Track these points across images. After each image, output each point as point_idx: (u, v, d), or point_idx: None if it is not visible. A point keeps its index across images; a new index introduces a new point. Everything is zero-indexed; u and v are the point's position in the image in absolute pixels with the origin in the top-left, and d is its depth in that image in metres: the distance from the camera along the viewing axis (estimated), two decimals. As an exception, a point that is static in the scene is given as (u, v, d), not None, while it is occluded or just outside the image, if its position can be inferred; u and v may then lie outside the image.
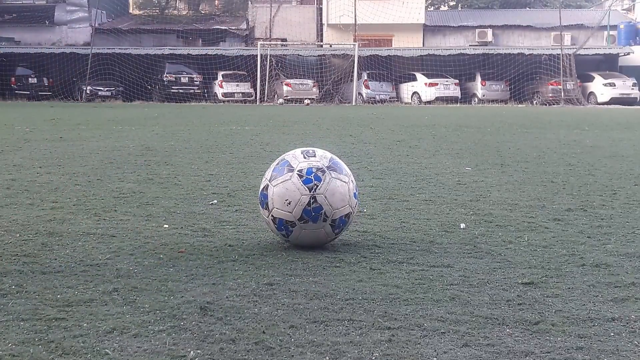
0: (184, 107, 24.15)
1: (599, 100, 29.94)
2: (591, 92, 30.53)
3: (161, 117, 16.56)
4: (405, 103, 30.33)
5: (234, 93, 30.27)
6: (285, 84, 29.98)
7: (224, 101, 29.73)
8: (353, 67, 29.85)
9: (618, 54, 32.31)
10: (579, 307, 2.52)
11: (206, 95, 30.61)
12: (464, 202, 4.69)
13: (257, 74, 29.90)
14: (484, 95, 30.70)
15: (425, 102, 29.87)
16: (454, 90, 30.24)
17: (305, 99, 29.37)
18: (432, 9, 43.21)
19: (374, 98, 30.11)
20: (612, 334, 2.26)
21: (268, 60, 30.25)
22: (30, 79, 30.34)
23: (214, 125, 13.50)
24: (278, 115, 18.09)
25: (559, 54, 30.15)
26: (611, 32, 33.90)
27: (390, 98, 30.53)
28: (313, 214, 3.23)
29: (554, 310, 2.47)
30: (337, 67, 31.25)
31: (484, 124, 14.47)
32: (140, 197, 4.82)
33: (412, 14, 33.88)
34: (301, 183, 3.25)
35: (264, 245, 3.44)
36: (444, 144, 9.31)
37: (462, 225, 3.91)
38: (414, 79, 30.71)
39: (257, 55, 30.10)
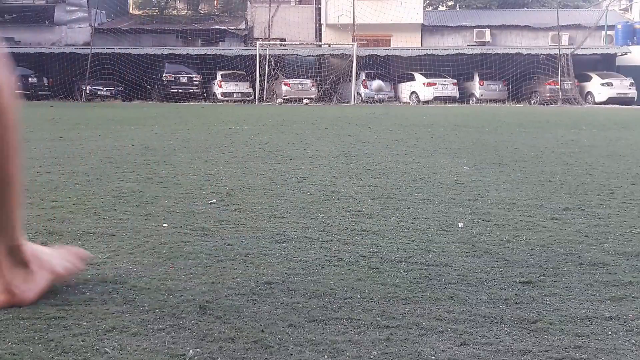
0: (183, 107, 24.13)
1: (597, 99, 29.99)
2: (589, 92, 30.59)
3: (160, 116, 16.56)
4: (404, 103, 30.33)
5: (233, 93, 30.28)
6: (284, 84, 29.98)
7: (223, 101, 29.73)
8: (352, 67, 29.84)
9: (615, 53, 32.37)
10: (576, 305, 2.53)
11: (205, 95, 30.61)
12: (462, 201, 4.70)
13: (256, 74, 29.90)
14: (482, 95, 30.74)
15: (424, 102, 29.88)
16: (452, 90, 30.28)
17: (304, 98, 29.36)
18: (430, 9, 43.26)
19: (373, 98, 30.10)
20: (610, 332, 2.27)
21: (267, 60, 30.26)
22: (30, 79, 30.33)
23: (213, 124, 13.49)
24: (277, 114, 18.08)
25: (557, 54, 30.20)
26: (609, 32, 33.98)
27: (388, 98, 30.53)
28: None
29: (551, 309, 2.48)
30: (335, 67, 31.27)
31: (482, 124, 14.48)
32: (139, 196, 4.82)
33: (411, 14, 33.92)
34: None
35: (263, 245, 3.45)
36: (442, 144, 9.31)
37: (460, 225, 3.92)
38: (412, 78, 30.74)
39: (256, 55, 30.11)
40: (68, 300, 2.53)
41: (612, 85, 29.48)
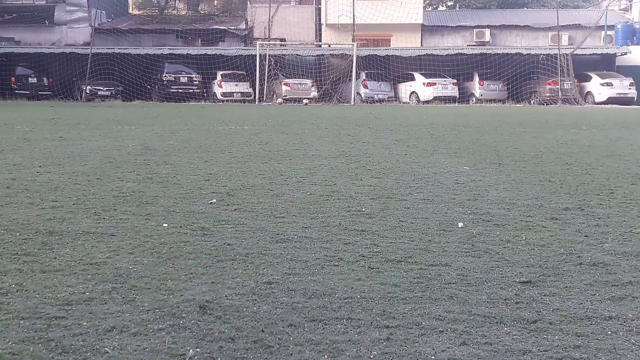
0: (183, 107, 24.13)
1: (597, 99, 29.98)
2: (588, 92, 30.57)
3: (160, 116, 16.56)
4: (404, 103, 30.34)
5: (233, 93, 30.27)
6: (284, 84, 29.97)
7: (223, 101, 29.73)
8: (352, 67, 29.85)
9: (615, 53, 32.36)
10: (576, 305, 2.53)
11: (205, 95, 30.61)
12: (462, 201, 4.70)
13: (256, 74, 29.90)
14: (481, 95, 30.72)
15: (424, 102, 29.87)
16: (452, 90, 30.24)
17: (304, 98, 29.36)
18: (430, 9, 43.26)
19: (373, 98, 30.11)
20: (610, 332, 2.27)
21: (267, 60, 30.25)
22: (30, 79, 30.34)
23: (213, 124, 13.50)
24: (277, 114, 18.08)
25: (557, 54, 30.17)
26: (608, 32, 33.98)
27: (388, 98, 30.53)
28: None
29: (551, 309, 2.49)
30: (335, 67, 31.26)
31: (482, 124, 14.48)
32: (139, 196, 4.82)
33: (410, 14, 33.91)
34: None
35: (263, 244, 3.45)
36: (442, 144, 9.31)
37: (460, 225, 3.93)
38: (412, 78, 30.72)
39: (256, 55, 30.09)
40: (68, 299, 2.53)
41: (612, 85, 29.45)
